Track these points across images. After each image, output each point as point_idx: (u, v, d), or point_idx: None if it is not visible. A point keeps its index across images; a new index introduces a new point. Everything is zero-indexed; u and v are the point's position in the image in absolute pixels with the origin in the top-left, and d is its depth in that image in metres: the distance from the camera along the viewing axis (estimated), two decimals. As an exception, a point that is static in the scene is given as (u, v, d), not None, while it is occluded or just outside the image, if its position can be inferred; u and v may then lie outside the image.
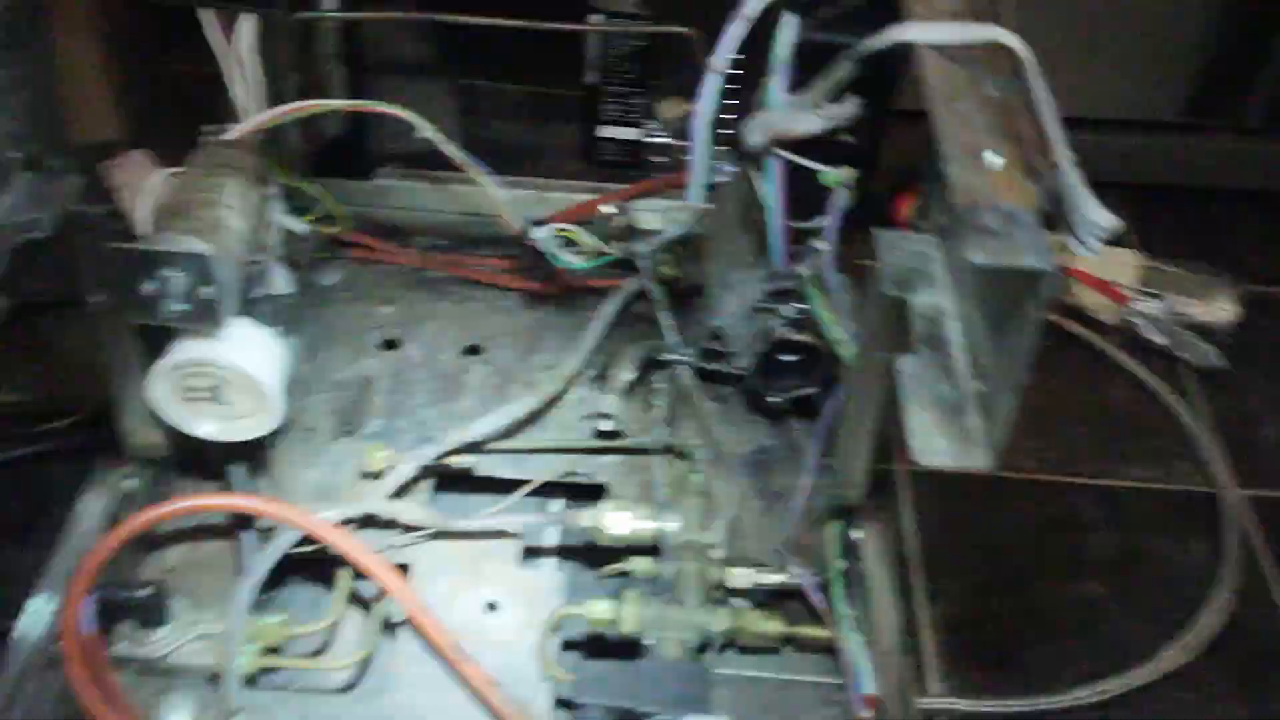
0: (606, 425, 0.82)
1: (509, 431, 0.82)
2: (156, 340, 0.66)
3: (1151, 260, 1.07)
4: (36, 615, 0.67)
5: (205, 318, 0.64)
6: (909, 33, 0.54)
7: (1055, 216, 0.51)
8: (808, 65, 0.65)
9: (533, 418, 0.83)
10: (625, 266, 0.88)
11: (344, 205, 0.92)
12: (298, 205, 0.87)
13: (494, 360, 0.90)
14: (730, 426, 0.84)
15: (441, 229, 0.99)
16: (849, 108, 0.65)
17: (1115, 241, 1.03)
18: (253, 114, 0.74)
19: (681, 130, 0.79)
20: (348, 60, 0.91)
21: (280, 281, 0.77)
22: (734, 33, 0.65)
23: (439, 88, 1.01)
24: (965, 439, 0.52)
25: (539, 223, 0.83)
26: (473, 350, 0.90)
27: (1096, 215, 0.51)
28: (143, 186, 0.67)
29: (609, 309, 0.89)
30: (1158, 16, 1.10)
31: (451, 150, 0.80)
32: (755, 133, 0.66)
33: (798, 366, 0.80)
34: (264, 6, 0.71)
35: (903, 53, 0.57)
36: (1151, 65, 1.13)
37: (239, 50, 0.72)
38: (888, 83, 0.64)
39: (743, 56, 0.67)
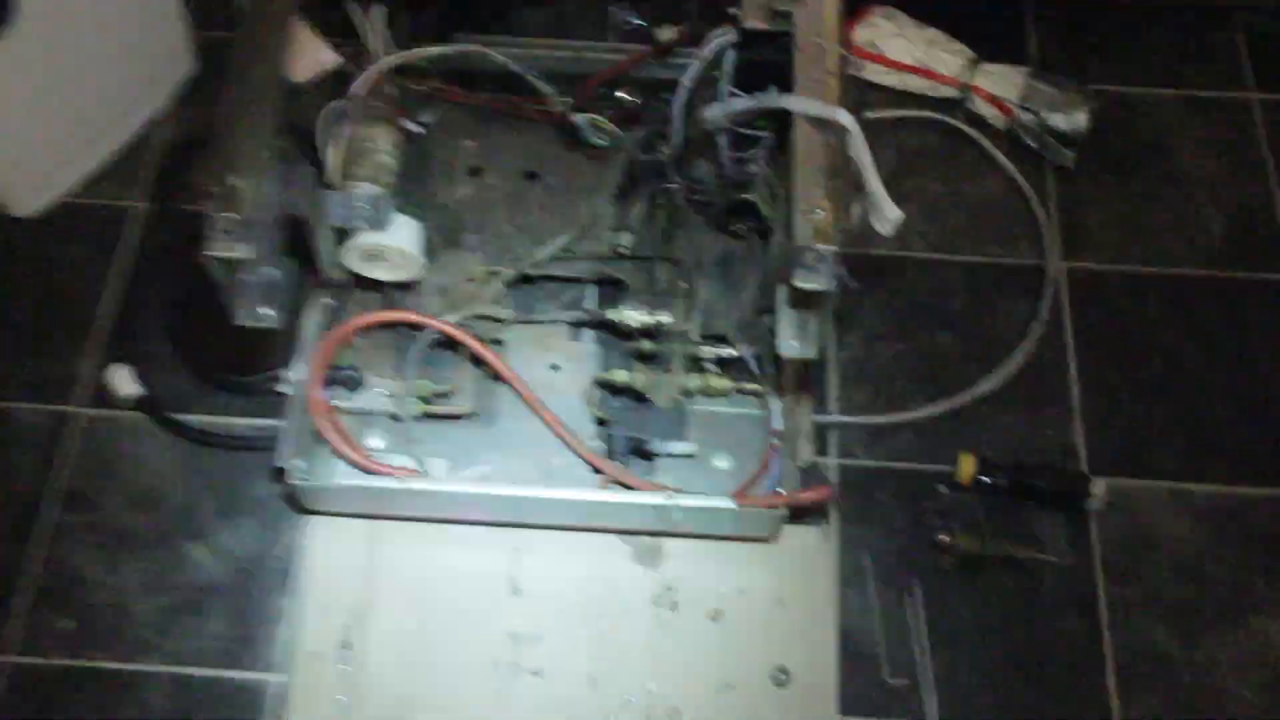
0: (624, 243, 1.24)
1: (561, 248, 1.25)
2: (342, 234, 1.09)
3: (1032, 78, 1.42)
4: (295, 381, 1.14)
5: (377, 223, 1.06)
6: (783, 101, 0.92)
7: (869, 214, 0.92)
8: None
9: (576, 238, 1.25)
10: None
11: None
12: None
13: (547, 183, 1.30)
14: (707, 239, 1.26)
15: (504, 78, 1.35)
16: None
17: (1011, 60, 1.40)
18: (382, 58, 1.11)
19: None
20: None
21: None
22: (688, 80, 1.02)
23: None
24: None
25: (575, 107, 1.21)
26: (531, 175, 1.31)
27: (890, 212, 0.91)
28: (324, 128, 1.07)
29: (632, 152, 1.28)
30: None
31: (514, 67, 1.17)
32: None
33: (751, 207, 1.20)
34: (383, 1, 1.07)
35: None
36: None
37: (375, 24, 1.09)
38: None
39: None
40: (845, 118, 0.90)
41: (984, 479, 1.19)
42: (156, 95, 1.45)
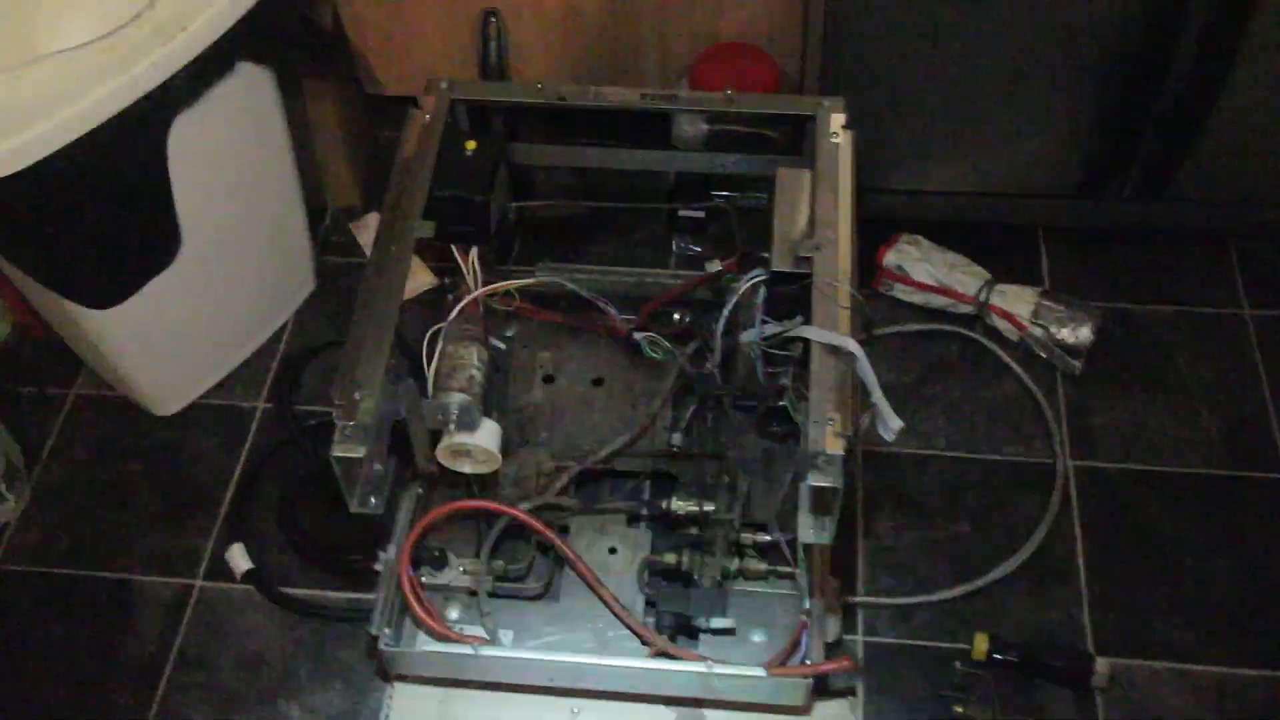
0: (676, 442, 1.42)
1: (621, 446, 1.43)
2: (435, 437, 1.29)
3: (1042, 297, 1.60)
4: (388, 560, 1.32)
5: (467, 426, 1.26)
6: (802, 331, 1.12)
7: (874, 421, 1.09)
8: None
9: (635, 438, 1.44)
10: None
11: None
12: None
13: (612, 389, 1.50)
14: (749, 440, 1.43)
15: (577, 298, 1.57)
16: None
17: (1024, 281, 1.58)
18: (475, 289, 1.34)
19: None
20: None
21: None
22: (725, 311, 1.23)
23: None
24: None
25: (637, 328, 1.42)
26: (598, 382, 1.51)
27: (893, 423, 1.09)
28: (431, 348, 1.28)
29: (680, 363, 1.47)
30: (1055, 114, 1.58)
31: (583, 292, 1.39)
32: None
33: (784, 412, 1.38)
34: (477, 243, 1.30)
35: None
36: (1054, 152, 1.62)
37: (471, 262, 1.32)
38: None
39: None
40: (853, 345, 1.09)
41: (997, 656, 1.31)
42: (283, 311, 1.70)
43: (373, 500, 1.13)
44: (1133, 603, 1.38)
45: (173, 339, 1.55)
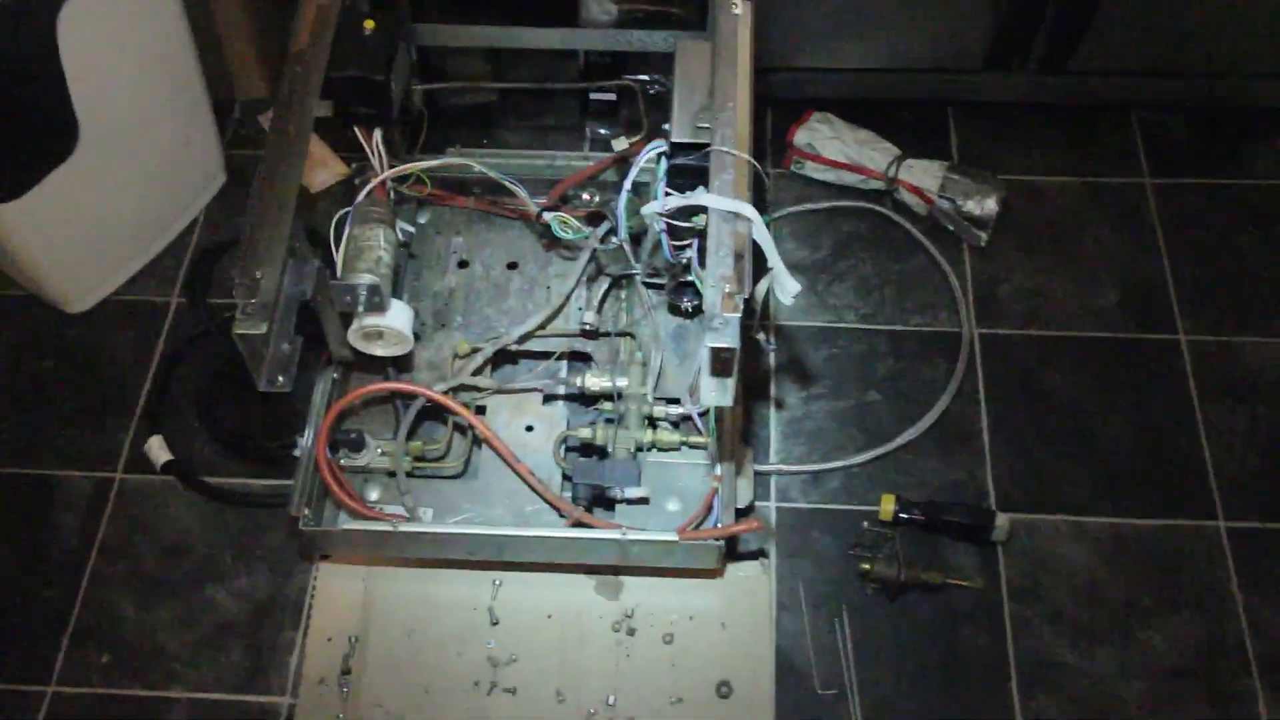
0: (589, 321, 1.44)
1: (535, 327, 1.45)
2: (347, 320, 1.29)
3: (949, 171, 1.62)
4: (305, 445, 1.33)
5: (376, 306, 1.27)
6: (699, 198, 1.13)
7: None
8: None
9: (549, 319, 1.45)
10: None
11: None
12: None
13: (526, 272, 1.51)
14: (661, 317, 1.46)
15: (489, 183, 1.57)
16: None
17: (934, 156, 1.60)
18: (382, 172, 1.33)
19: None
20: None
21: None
22: (626, 183, 1.24)
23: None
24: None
25: (546, 208, 1.42)
26: (512, 266, 1.52)
27: (790, 285, 1.11)
28: (332, 230, 1.28)
29: (592, 244, 1.48)
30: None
31: (495, 175, 1.39)
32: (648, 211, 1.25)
33: (694, 289, 1.40)
34: (380, 124, 1.29)
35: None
36: (960, 27, 1.63)
37: (375, 143, 1.31)
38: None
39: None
40: (749, 210, 1.10)
41: (903, 515, 1.36)
42: (192, 204, 1.68)
43: (280, 379, 1.14)
44: (1033, 462, 1.44)
45: (80, 234, 1.53)
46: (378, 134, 1.36)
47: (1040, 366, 1.51)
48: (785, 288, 1.12)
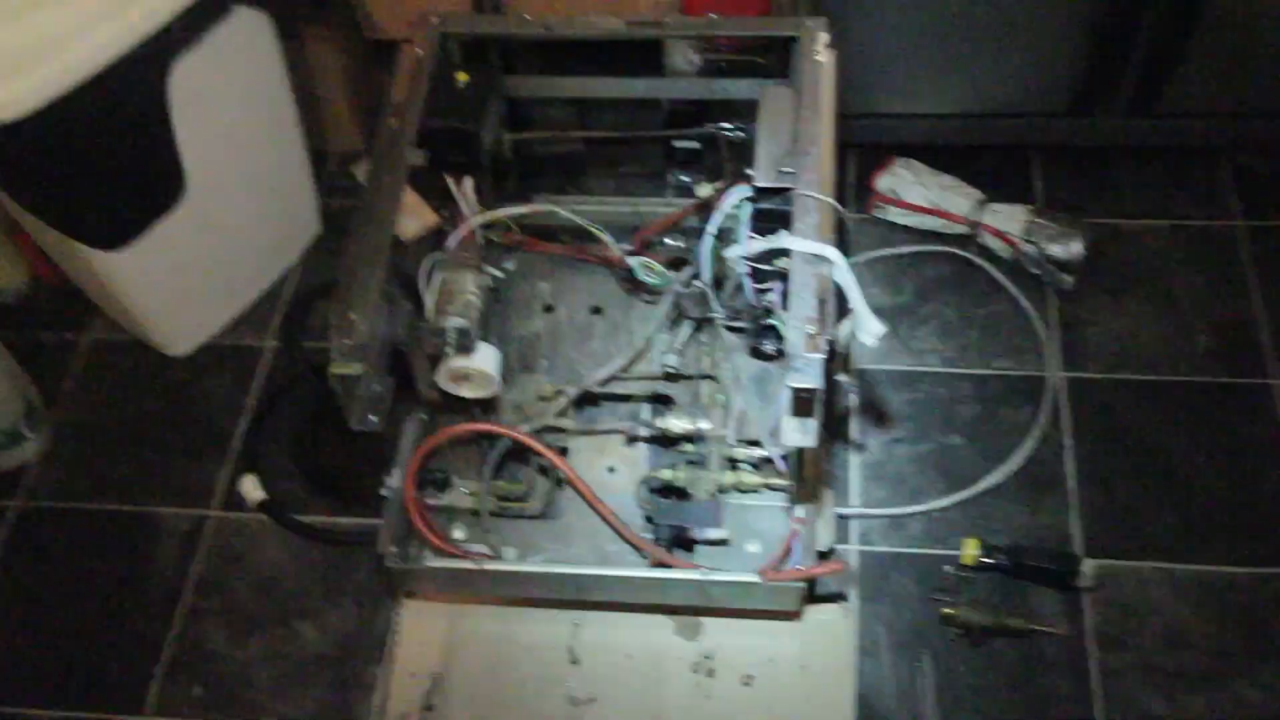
0: (672, 364, 1.46)
1: (618, 370, 1.47)
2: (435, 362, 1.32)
3: (1034, 215, 1.62)
4: (393, 484, 1.37)
5: (464, 348, 1.30)
6: (782, 241, 1.14)
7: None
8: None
9: (632, 361, 1.47)
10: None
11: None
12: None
13: (609, 316, 1.54)
14: (742, 360, 1.47)
15: (574, 229, 1.60)
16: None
17: (1018, 200, 1.60)
18: (471, 218, 1.37)
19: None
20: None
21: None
22: (711, 228, 1.25)
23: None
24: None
25: (630, 253, 1.45)
26: (596, 310, 1.54)
27: (873, 326, 1.12)
28: (424, 275, 1.31)
29: (674, 288, 1.50)
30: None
31: (580, 222, 1.42)
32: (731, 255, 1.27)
33: (776, 332, 1.41)
34: (471, 172, 1.33)
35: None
36: (1044, 71, 1.63)
37: (466, 191, 1.35)
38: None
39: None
40: (832, 252, 1.11)
41: (986, 560, 1.35)
42: (289, 253, 1.74)
43: (372, 418, 1.17)
44: (1120, 507, 1.41)
45: (182, 281, 1.59)
46: (468, 182, 1.39)
47: (1128, 411, 1.49)
48: (868, 329, 1.12)
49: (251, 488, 1.50)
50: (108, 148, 1.40)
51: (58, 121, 1.30)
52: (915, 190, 1.67)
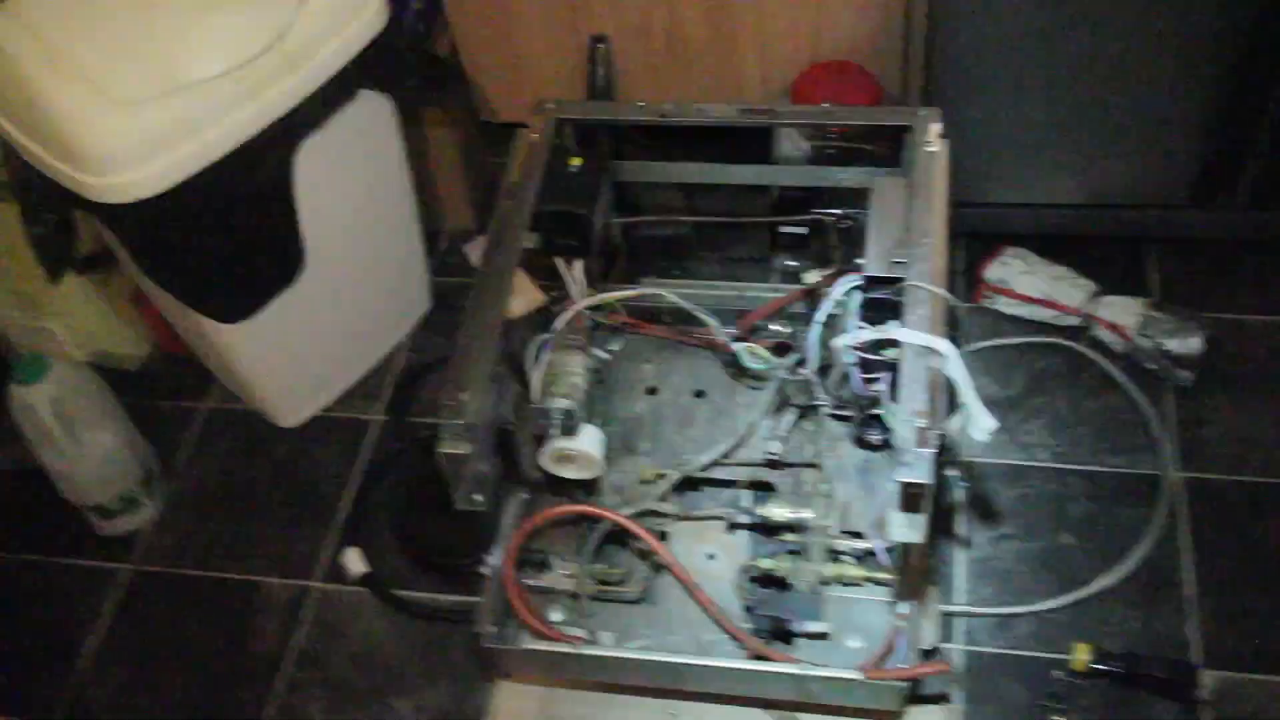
0: (774, 451, 1.45)
1: (720, 455, 1.46)
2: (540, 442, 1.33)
3: (1149, 308, 1.58)
4: (494, 563, 1.37)
5: (569, 430, 1.31)
6: (893, 332, 1.13)
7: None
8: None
9: (734, 447, 1.47)
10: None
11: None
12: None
13: (713, 401, 1.53)
14: (847, 449, 1.45)
15: (680, 313, 1.61)
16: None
17: (1132, 292, 1.57)
18: (580, 301, 1.39)
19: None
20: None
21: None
22: (820, 316, 1.25)
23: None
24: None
25: (736, 338, 1.45)
26: (699, 394, 1.54)
27: (985, 422, 1.10)
28: (531, 356, 1.33)
29: (779, 374, 1.50)
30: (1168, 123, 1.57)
31: (685, 305, 1.42)
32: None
33: (880, 420, 1.40)
34: (581, 255, 1.35)
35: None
36: (1161, 161, 1.60)
37: (575, 273, 1.37)
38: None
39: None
40: (943, 345, 1.10)
41: (1098, 667, 1.30)
42: (400, 329, 1.78)
43: (477, 498, 1.18)
44: (1242, 616, 1.35)
45: (297, 354, 1.63)
46: (578, 265, 1.41)
47: (1251, 514, 1.44)
48: (980, 425, 1.11)
49: (354, 561, 1.52)
50: (234, 225, 1.46)
51: (188, 200, 1.36)
52: (1025, 280, 1.65)
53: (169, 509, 1.64)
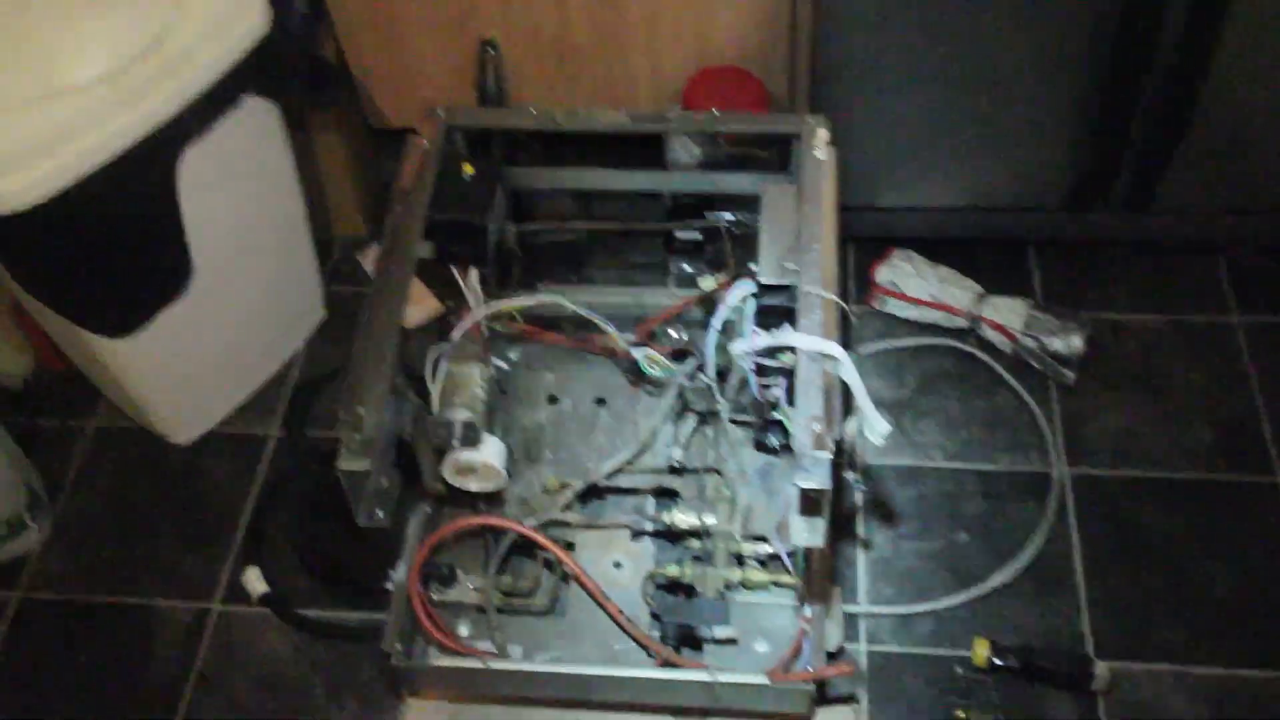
0: (677, 457, 1.46)
1: (623, 463, 1.46)
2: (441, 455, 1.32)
3: (1033, 309, 1.63)
4: (398, 579, 1.35)
5: (470, 441, 1.29)
6: (787, 338, 1.15)
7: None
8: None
9: (637, 454, 1.47)
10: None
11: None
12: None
13: (614, 408, 1.54)
14: (748, 454, 1.46)
15: (578, 320, 1.60)
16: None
17: (1015, 293, 1.61)
18: (477, 310, 1.37)
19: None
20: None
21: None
22: (716, 323, 1.26)
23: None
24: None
25: (634, 345, 1.45)
26: (600, 401, 1.54)
27: (879, 426, 1.12)
28: (429, 366, 1.31)
29: (678, 380, 1.51)
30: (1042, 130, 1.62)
31: (584, 312, 1.42)
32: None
33: (781, 427, 1.41)
34: (477, 264, 1.34)
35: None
36: (1040, 166, 1.66)
37: (472, 283, 1.36)
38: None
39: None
40: (837, 350, 1.12)
41: (997, 662, 1.34)
42: (293, 340, 1.74)
43: (379, 514, 1.17)
44: (1131, 606, 1.41)
45: (187, 368, 1.59)
46: (474, 273, 1.40)
47: (1134, 508, 1.49)
48: (875, 428, 1.13)
49: (254, 580, 1.49)
50: (116, 236, 1.41)
51: (67, 210, 1.31)
52: (915, 283, 1.69)
53: (56, 533, 1.58)
